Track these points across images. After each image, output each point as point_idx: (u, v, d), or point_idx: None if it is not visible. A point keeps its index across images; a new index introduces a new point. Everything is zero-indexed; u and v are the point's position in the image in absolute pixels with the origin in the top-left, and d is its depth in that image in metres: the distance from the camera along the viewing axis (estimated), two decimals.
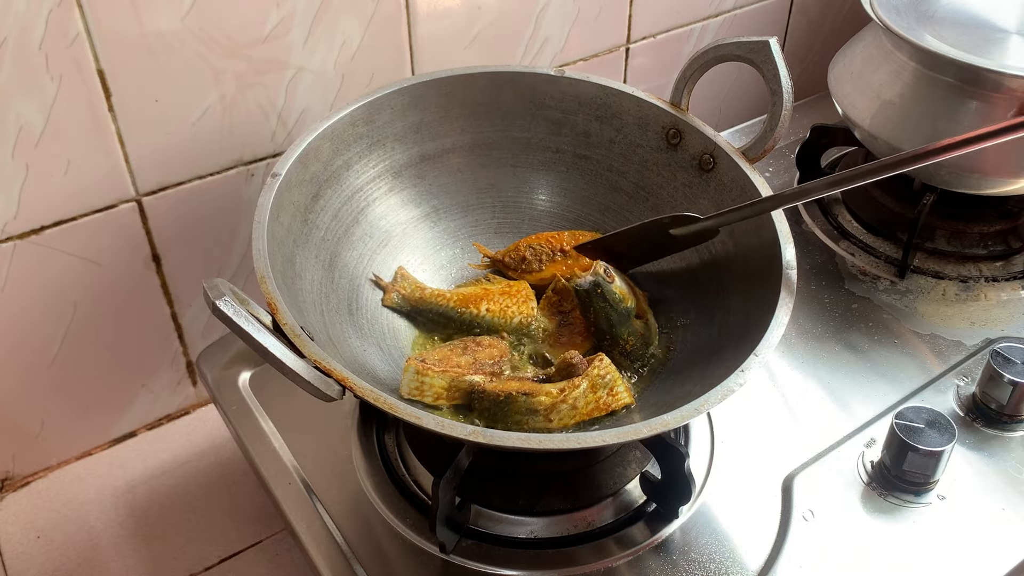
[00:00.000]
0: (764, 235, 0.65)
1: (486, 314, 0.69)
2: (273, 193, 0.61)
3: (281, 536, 0.77)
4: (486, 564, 0.61)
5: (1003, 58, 0.77)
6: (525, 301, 0.71)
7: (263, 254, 0.57)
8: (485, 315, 0.69)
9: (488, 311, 0.69)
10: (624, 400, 0.63)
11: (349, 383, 0.51)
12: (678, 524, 0.63)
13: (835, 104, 0.88)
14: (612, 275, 0.66)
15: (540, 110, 0.76)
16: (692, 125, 0.72)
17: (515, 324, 0.70)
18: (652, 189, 0.75)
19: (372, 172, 0.72)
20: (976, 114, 0.77)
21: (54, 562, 0.74)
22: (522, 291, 0.71)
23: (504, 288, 0.71)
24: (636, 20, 0.97)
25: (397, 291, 0.70)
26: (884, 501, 0.65)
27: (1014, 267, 0.86)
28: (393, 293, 0.70)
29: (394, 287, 0.71)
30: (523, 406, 0.60)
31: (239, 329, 0.49)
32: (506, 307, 0.70)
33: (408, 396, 0.61)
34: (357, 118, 0.70)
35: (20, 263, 0.71)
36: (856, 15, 1.04)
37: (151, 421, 0.86)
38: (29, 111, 0.66)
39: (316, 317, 0.61)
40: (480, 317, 0.69)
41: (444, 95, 0.73)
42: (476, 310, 0.69)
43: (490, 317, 0.69)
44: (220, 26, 0.71)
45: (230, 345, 0.76)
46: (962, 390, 0.73)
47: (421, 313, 0.70)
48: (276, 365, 0.51)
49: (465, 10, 0.84)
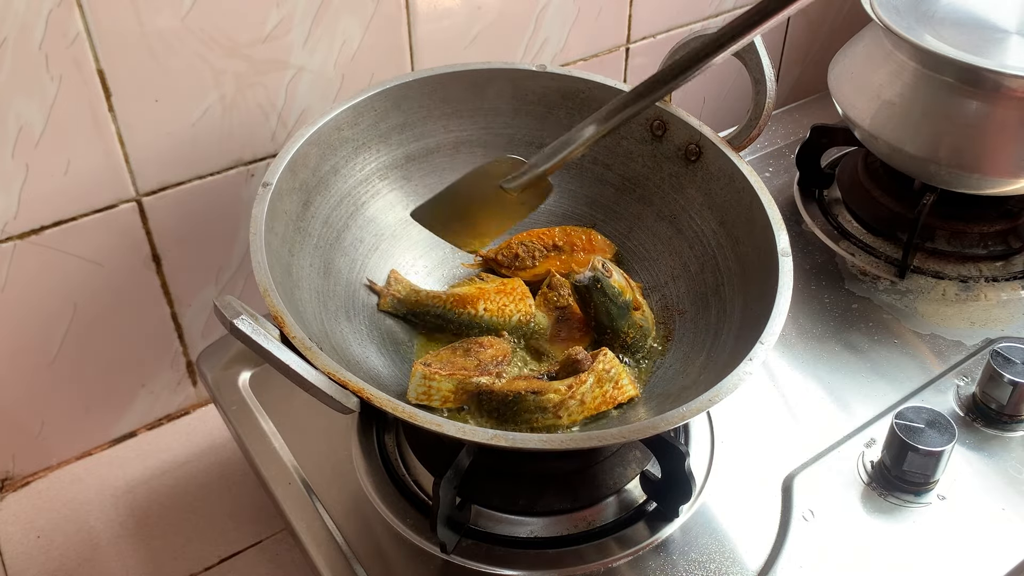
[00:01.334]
0: (756, 223, 0.65)
1: (484, 314, 0.69)
2: (266, 203, 0.61)
3: (281, 536, 0.77)
4: (486, 564, 0.61)
5: (1003, 58, 0.77)
6: (522, 298, 0.70)
7: (263, 266, 0.57)
8: (483, 315, 0.69)
9: (486, 311, 0.69)
10: (630, 392, 0.63)
11: (365, 394, 0.51)
12: (678, 524, 0.63)
13: (835, 104, 0.88)
14: (610, 269, 0.66)
15: (523, 106, 0.76)
16: (676, 116, 0.72)
17: (514, 322, 0.69)
18: (638, 181, 0.75)
19: (359, 176, 0.72)
20: (976, 114, 0.77)
21: (54, 562, 0.74)
22: (517, 288, 0.71)
23: (499, 286, 0.71)
24: (636, 20, 0.97)
25: (392, 295, 0.70)
26: (884, 501, 0.65)
27: (1014, 267, 0.86)
28: (388, 297, 0.70)
29: (388, 291, 0.70)
30: (532, 404, 0.60)
31: (259, 348, 0.50)
32: (503, 306, 0.70)
33: (416, 400, 0.61)
34: (342, 122, 0.69)
35: (20, 263, 0.71)
36: (856, 15, 1.04)
37: (151, 421, 0.86)
38: (29, 111, 0.66)
39: (317, 326, 0.61)
40: (478, 317, 0.69)
41: (426, 95, 0.73)
42: (474, 310, 0.69)
43: (488, 317, 0.69)
44: (220, 26, 0.71)
45: (230, 345, 0.76)
46: (962, 390, 0.73)
47: (418, 316, 0.70)
48: (296, 381, 0.51)
49: (465, 10, 0.84)
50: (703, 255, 0.70)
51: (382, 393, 0.51)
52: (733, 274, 0.67)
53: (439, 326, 0.70)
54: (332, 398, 0.51)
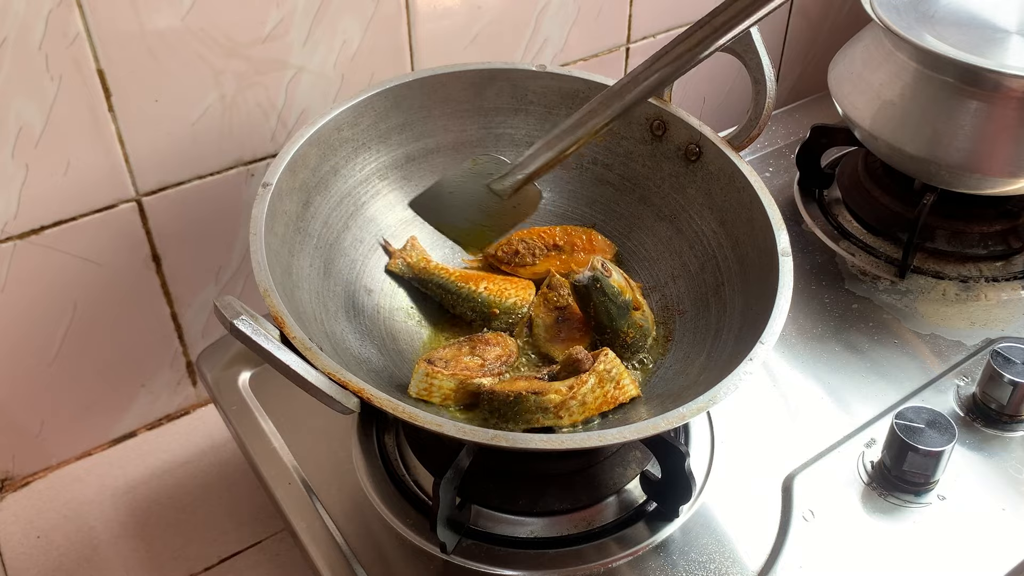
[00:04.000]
0: (756, 223, 0.65)
1: (484, 292, 0.70)
2: (266, 204, 0.61)
3: (281, 536, 0.77)
4: (486, 564, 0.61)
5: (1003, 58, 0.77)
6: (525, 289, 0.72)
7: (263, 267, 0.57)
8: (483, 292, 0.70)
9: (486, 289, 0.71)
10: (631, 392, 0.63)
11: (365, 394, 0.51)
12: (678, 524, 0.63)
13: (835, 104, 0.88)
14: (609, 269, 0.66)
15: (522, 105, 0.76)
16: (676, 116, 0.72)
17: (508, 304, 0.70)
18: (638, 180, 0.75)
19: (359, 176, 0.72)
20: (976, 114, 0.77)
21: (54, 562, 0.74)
22: (524, 283, 0.73)
23: (508, 277, 0.73)
24: (636, 20, 0.97)
25: (403, 258, 0.72)
26: (884, 501, 0.65)
27: (1014, 267, 0.86)
28: (399, 260, 0.71)
29: (401, 254, 0.72)
30: (533, 405, 0.60)
31: (259, 348, 0.50)
32: (504, 288, 0.71)
33: (416, 396, 0.62)
34: (342, 122, 0.69)
35: (20, 263, 0.71)
36: (856, 15, 1.04)
37: (151, 421, 0.86)
38: (29, 111, 0.66)
39: (317, 326, 0.61)
40: (477, 294, 0.70)
41: (426, 95, 0.73)
42: (475, 287, 0.70)
43: (487, 295, 0.70)
44: (220, 26, 0.71)
45: (230, 345, 0.76)
46: (962, 390, 0.73)
47: (422, 283, 0.71)
48: (296, 381, 0.51)
49: (465, 10, 0.84)
50: (703, 255, 0.70)
51: (382, 393, 0.51)
52: (733, 274, 0.67)
53: (438, 296, 0.71)
54: (332, 398, 0.51)
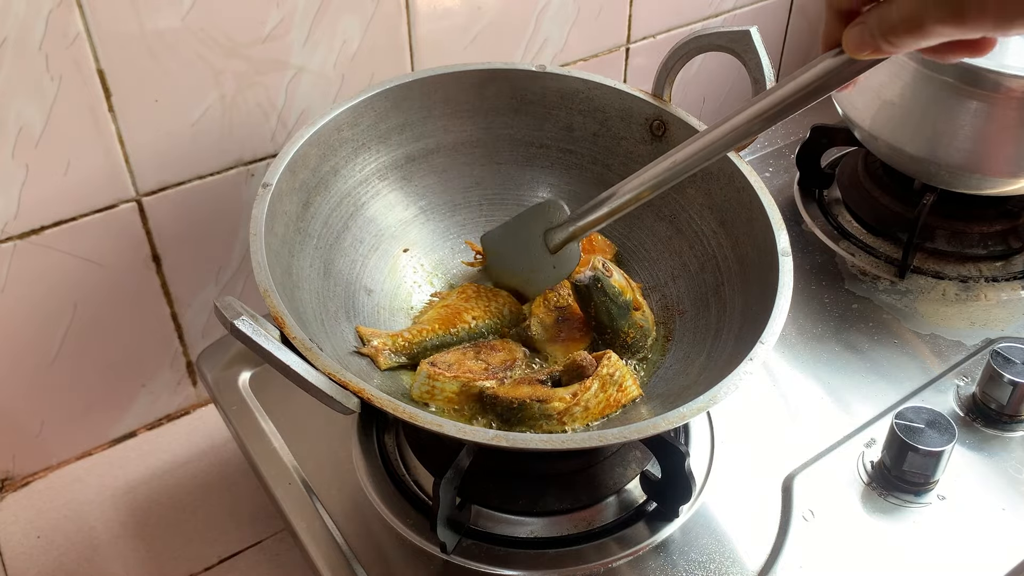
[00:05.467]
0: (756, 223, 0.65)
1: (475, 322, 0.68)
2: (266, 204, 0.61)
3: (281, 536, 0.77)
4: (486, 564, 0.61)
5: (1003, 58, 0.77)
6: (496, 295, 0.70)
7: (263, 267, 0.56)
8: (475, 323, 0.68)
9: (475, 318, 0.68)
10: (633, 394, 0.63)
11: (365, 394, 0.51)
12: (678, 524, 0.63)
13: (835, 104, 0.88)
14: (610, 269, 0.66)
15: (522, 106, 0.76)
16: (676, 116, 0.72)
17: (508, 318, 0.70)
18: None
19: (359, 176, 0.72)
20: (976, 114, 0.77)
21: (54, 562, 0.74)
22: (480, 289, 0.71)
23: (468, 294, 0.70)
24: (636, 20, 0.97)
25: (385, 349, 0.65)
26: (884, 501, 0.65)
27: (1014, 267, 0.86)
28: (383, 353, 0.64)
29: (376, 349, 0.64)
30: (537, 412, 0.60)
31: (259, 348, 0.50)
32: (488, 306, 0.69)
33: (419, 399, 0.62)
34: (342, 122, 0.69)
35: (20, 263, 0.71)
36: None
37: (151, 421, 0.86)
38: (29, 111, 0.66)
39: (317, 326, 0.61)
40: (475, 329, 0.68)
41: (426, 95, 0.73)
42: (465, 324, 0.68)
43: (482, 322, 0.68)
44: (220, 26, 0.71)
45: (230, 345, 0.76)
46: (962, 390, 0.73)
47: (424, 354, 0.66)
48: (297, 381, 0.51)
49: (465, 10, 0.84)
50: (703, 255, 0.70)
51: (382, 393, 0.51)
52: (733, 274, 0.67)
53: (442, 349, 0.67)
54: (332, 398, 0.51)
